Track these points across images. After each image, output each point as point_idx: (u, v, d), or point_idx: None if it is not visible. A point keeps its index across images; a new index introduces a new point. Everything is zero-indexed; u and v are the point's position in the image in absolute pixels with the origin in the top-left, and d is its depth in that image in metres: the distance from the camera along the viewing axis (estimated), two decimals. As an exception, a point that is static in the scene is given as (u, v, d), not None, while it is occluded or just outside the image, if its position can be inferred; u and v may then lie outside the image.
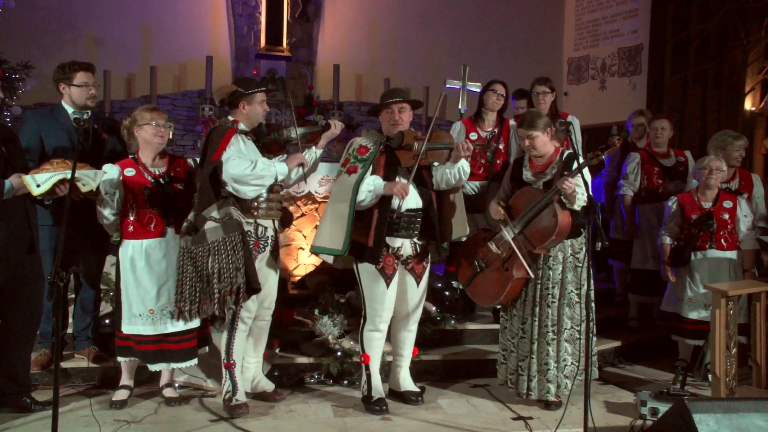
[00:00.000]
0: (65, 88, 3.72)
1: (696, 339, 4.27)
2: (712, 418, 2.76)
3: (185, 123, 6.96)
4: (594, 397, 3.75)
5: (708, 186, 4.27)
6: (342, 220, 3.41)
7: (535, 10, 8.61)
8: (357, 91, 8.06)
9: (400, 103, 3.58)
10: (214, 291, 3.18)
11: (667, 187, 4.90)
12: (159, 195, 3.46)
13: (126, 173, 3.44)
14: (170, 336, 3.46)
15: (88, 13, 7.19)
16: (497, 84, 4.52)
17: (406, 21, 8.19)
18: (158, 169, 3.52)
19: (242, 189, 3.32)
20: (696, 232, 4.25)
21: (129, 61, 7.29)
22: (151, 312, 3.44)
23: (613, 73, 8.17)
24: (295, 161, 3.54)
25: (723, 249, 4.23)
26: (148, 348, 3.48)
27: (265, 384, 3.71)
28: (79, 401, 3.60)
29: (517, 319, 3.70)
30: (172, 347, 3.48)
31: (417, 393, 3.74)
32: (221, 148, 3.31)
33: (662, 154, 4.98)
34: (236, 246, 3.20)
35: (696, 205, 4.30)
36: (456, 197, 3.66)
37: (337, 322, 4.19)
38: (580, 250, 3.61)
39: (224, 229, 3.20)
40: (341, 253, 3.45)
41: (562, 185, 3.34)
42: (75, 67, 3.71)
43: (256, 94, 3.51)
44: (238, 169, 3.28)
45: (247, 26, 7.66)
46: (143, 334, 3.45)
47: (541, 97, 4.58)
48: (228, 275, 3.17)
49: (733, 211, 4.22)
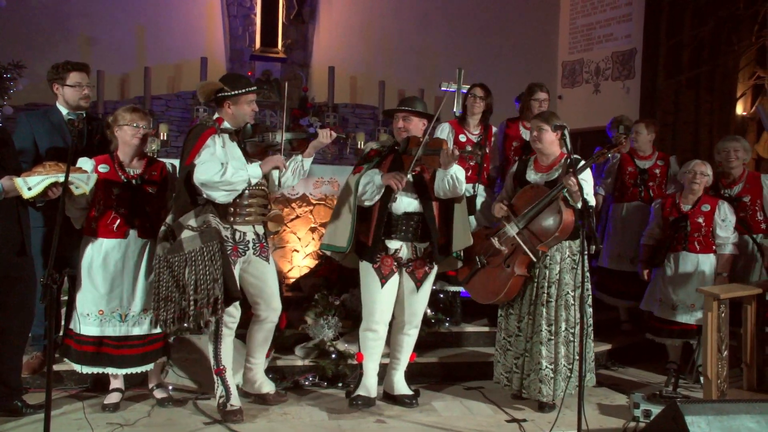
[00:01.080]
0: (59, 88, 3.70)
1: (672, 338, 4.32)
2: (703, 420, 2.79)
3: (179, 124, 6.94)
4: (587, 400, 3.76)
5: (691, 190, 4.32)
6: (346, 216, 3.48)
7: (529, 14, 8.65)
8: (352, 93, 8.07)
9: (404, 112, 3.62)
10: (190, 302, 3.10)
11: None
12: (127, 196, 3.40)
13: (100, 169, 3.38)
14: (111, 340, 3.40)
15: (82, 12, 7.16)
16: (476, 87, 4.56)
17: (401, 23, 8.21)
18: (134, 170, 3.48)
19: (213, 194, 3.23)
20: (671, 233, 4.32)
21: (123, 62, 7.27)
22: (101, 313, 3.38)
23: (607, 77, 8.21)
24: (271, 164, 3.37)
25: (695, 251, 4.27)
26: (89, 349, 3.40)
27: (267, 386, 3.67)
28: (72, 404, 3.58)
29: (514, 317, 3.72)
30: (112, 351, 3.41)
31: (411, 396, 3.75)
32: (195, 151, 3.23)
33: (644, 156, 5.03)
34: (214, 255, 3.11)
35: (675, 208, 4.36)
36: (458, 207, 3.64)
37: (331, 325, 4.18)
38: (578, 252, 3.63)
39: (202, 239, 3.12)
40: (344, 249, 3.49)
41: (568, 181, 3.37)
42: (68, 67, 3.68)
43: (243, 94, 3.38)
44: (207, 175, 3.18)
45: (242, 27, 7.66)
46: (89, 334, 3.39)
47: (542, 105, 4.56)
48: (205, 286, 3.10)
49: (710, 215, 4.26)
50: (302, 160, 3.50)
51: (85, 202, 3.38)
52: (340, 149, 6.76)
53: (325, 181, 5.10)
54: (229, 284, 3.18)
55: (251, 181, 3.31)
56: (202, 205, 3.23)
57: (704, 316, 3.65)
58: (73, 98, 3.69)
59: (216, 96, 3.39)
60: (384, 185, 3.48)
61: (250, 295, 3.54)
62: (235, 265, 3.37)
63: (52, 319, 2.82)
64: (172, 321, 3.14)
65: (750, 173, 4.67)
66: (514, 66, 8.05)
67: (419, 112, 3.63)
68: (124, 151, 3.46)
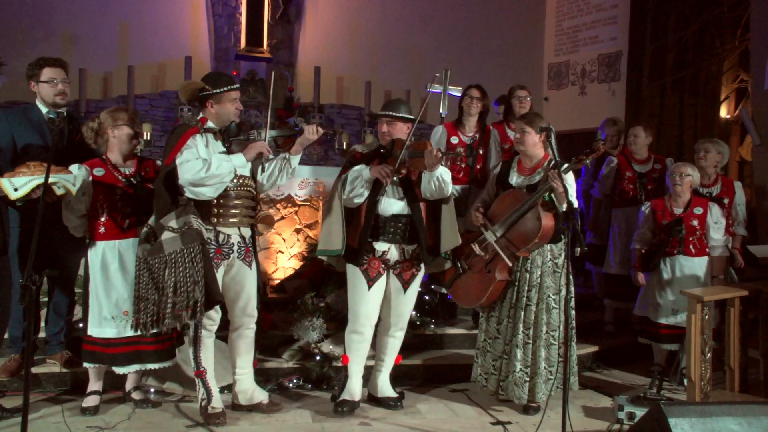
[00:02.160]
0: (35, 85, 3.64)
1: (667, 343, 4.32)
2: (687, 422, 2.80)
3: (163, 124, 6.87)
4: (572, 402, 3.76)
5: (678, 192, 4.33)
6: (336, 220, 3.46)
7: (516, 15, 8.67)
8: (338, 94, 8.04)
9: (388, 117, 3.60)
10: (167, 305, 3.06)
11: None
12: (132, 195, 3.39)
13: (95, 173, 3.36)
14: (144, 337, 3.36)
15: (64, 9, 7.05)
16: (472, 89, 4.58)
17: (387, 24, 8.20)
18: (128, 169, 3.46)
19: (202, 191, 3.18)
20: (665, 237, 4.31)
21: (106, 60, 7.18)
22: (126, 314, 3.35)
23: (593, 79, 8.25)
24: (253, 151, 3.29)
25: (691, 255, 4.28)
26: (119, 351, 3.39)
27: (260, 394, 3.58)
28: (50, 407, 3.52)
29: (494, 320, 3.72)
30: (147, 348, 3.40)
31: (396, 398, 3.73)
32: (175, 150, 3.18)
33: (641, 160, 5.03)
34: (195, 258, 3.07)
35: (667, 211, 4.36)
36: (446, 208, 3.63)
37: (316, 326, 4.15)
38: (559, 255, 3.64)
39: (183, 240, 3.07)
40: (339, 252, 3.47)
41: (554, 181, 3.36)
42: (41, 63, 3.63)
43: (226, 92, 3.32)
44: (192, 173, 3.13)
45: (227, 27, 7.59)
46: (112, 337, 3.37)
47: (522, 102, 4.62)
48: (185, 289, 3.05)
49: (703, 217, 4.27)
50: (289, 157, 3.45)
51: (84, 209, 3.34)
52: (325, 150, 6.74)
53: (311, 181, 5.07)
54: (211, 287, 3.13)
55: (237, 170, 3.26)
56: (183, 205, 3.19)
57: (688, 318, 3.66)
58: (48, 95, 3.63)
59: (198, 95, 3.35)
60: (372, 179, 3.46)
61: (228, 300, 3.47)
62: (218, 268, 3.31)
63: (31, 321, 2.76)
64: (150, 324, 3.10)
65: (724, 177, 4.74)
66: (500, 67, 8.08)
67: (403, 117, 3.59)
68: (119, 151, 3.44)
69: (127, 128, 3.40)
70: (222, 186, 3.24)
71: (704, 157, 4.62)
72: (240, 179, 3.36)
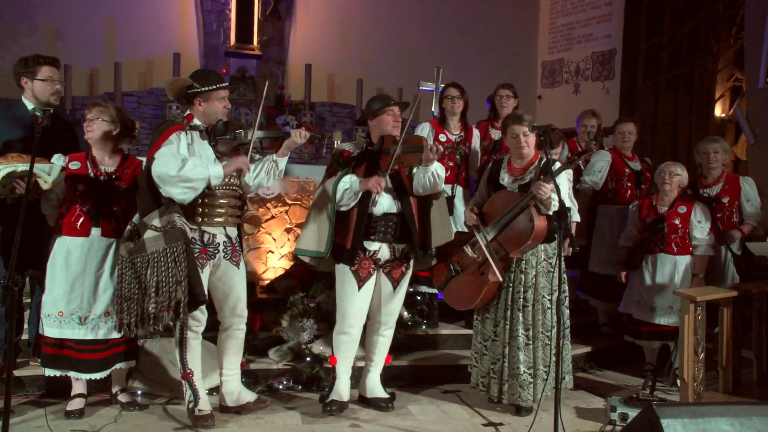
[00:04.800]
0: (27, 82, 3.59)
1: (648, 340, 4.33)
2: (679, 422, 2.80)
3: (151, 121, 6.78)
4: (564, 403, 3.74)
5: (665, 191, 4.32)
6: (324, 222, 3.41)
7: (509, 13, 8.64)
8: (329, 92, 7.99)
9: (398, 106, 3.58)
10: (150, 305, 3.00)
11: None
12: (92, 192, 3.31)
13: (71, 166, 3.30)
14: (72, 342, 3.30)
15: (48, 3, 6.93)
16: (449, 88, 4.54)
17: (379, 21, 8.15)
18: (107, 167, 3.40)
19: (169, 190, 3.06)
20: (648, 235, 4.32)
21: (92, 56, 7.07)
22: (60, 314, 3.28)
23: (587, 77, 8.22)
24: (233, 165, 3.20)
25: (673, 253, 4.27)
26: (48, 351, 3.32)
27: (247, 395, 3.54)
28: (33, 411, 3.45)
29: (490, 322, 3.68)
30: (74, 355, 3.31)
31: (387, 399, 3.69)
32: (155, 146, 3.12)
33: (630, 158, 5.00)
34: (178, 257, 3.00)
35: (652, 210, 4.36)
36: (437, 203, 3.61)
37: (306, 327, 4.12)
38: (554, 255, 3.61)
39: (166, 239, 3.01)
40: (324, 254, 3.43)
41: (538, 191, 3.32)
42: (40, 60, 3.59)
43: (214, 91, 3.26)
44: (163, 168, 3.04)
45: (217, 23, 7.51)
46: (51, 336, 3.30)
47: (504, 101, 4.62)
48: (167, 289, 2.98)
49: (687, 216, 4.27)
50: (276, 159, 3.40)
51: (56, 199, 3.27)
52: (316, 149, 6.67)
53: (301, 180, 5.03)
54: (195, 287, 3.07)
55: (211, 181, 3.15)
56: (167, 204, 3.12)
57: (681, 318, 3.65)
58: (43, 93, 3.60)
59: (186, 93, 3.29)
60: (362, 191, 3.41)
61: (216, 300, 3.43)
62: (204, 268, 3.26)
63: (13, 323, 2.71)
64: (135, 324, 3.04)
65: (729, 174, 4.67)
66: (493, 65, 8.05)
67: (404, 103, 3.60)
68: (96, 146, 3.38)
69: (96, 122, 3.32)
70: (192, 192, 3.11)
71: (715, 157, 4.51)
72: (226, 178, 3.30)
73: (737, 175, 4.81)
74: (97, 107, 3.37)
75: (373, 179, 3.39)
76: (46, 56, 3.66)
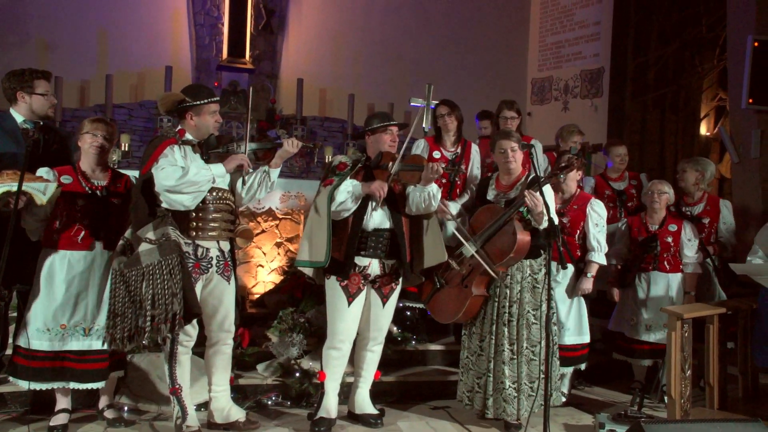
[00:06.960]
0: (24, 96, 3.58)
1: (641, 359, 4.34)
2: (667, 439, 2.82)
3: (142, 134, 6.73)
4: (553, 419, 3.74)
5: (653, 209, 4.36)
6: (321, 230, 3.39)
7: (500, 31, 8.71)
8: (321, 106, 7.99)
9: (396, 126, 3.63)
10: (147, 318, 2.98)
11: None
12: (92, 207, 3.31)
13: (62, 180, 3.29)
14: (73, 354, 3.27)
15: (39, 14, 6.85)
16: (440, 106, 4.48)
17: (371, 37, 8.18)
18: (99, 181, 3.39)
19: (179, 199, 3.12)
20: (640, 253, 4.35)
21: (83, 68, 7.01)
22: (63, 327, 3.25)
23: (576, 95, 8.30)
24: (234, 162, 3.28)
25: (666, 271, 4.32)
26: (45, 365, 3.26)
27: (237, 412, 3.50)
28: (16, 428, 3.39)
29: (476, 336, 3.70)
30: (74, 366, 3.28)
31: (376, 416, 3.68)
32: (151, 160, 3.14)
33: (617, 178, 5.06)
34: (173, 270, 2.99)
35: (643, 228, 4.40)
36: (430, 222, 3.62)
37: (296, 342, 4.10)
38: (539, 271, 3.64)
39: (160, 252, 3.00)
40: (323, 264, 3.41)
41: (531, 198, 3.36)
42: (37, 75, 3.59)
43: (205, 105, 3.30)
44: (169, 179, 3.08)
45: (209, 37, 7.50)
46: (43, 349, 3.24)
47: (510, 123, 4.57)
48: (163, 301, 2.97)
49: (678, 234, 4.32)
50: (269, 170, 3.41)
51: (44, 214, 3.25)
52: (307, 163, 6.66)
53: (292, 195, 5.03)
54: (190, 299, 3.06)
55: (216, 179, 3.21)
56: (161, 217, 3.12)
57: (668, 335, 3.66)
58: (42, 108, 3.60)
59: (178, 107, 3.31)
60: (363, 195, 3.42)
61: (204, 315, 3.40)
62: (197, 282, 3.25)
63: (-1, 337, 2.68)
64: (127, 339, 3.01)
65: (711, 196, 4.76)
66: (483, 81, 8.11)
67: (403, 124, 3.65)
68: (86, 160, 3.37)
69: (87, 137, 3.33)
70: (200, 195, 3.19)
71: (682, 177, 4.68)
72: (218, 192, 3.31)
73: (718, 198, 4.91)
74: (103, 123, 3.39)
75: (376, 183, 3.41)
76: (41, 70, 3.65)
